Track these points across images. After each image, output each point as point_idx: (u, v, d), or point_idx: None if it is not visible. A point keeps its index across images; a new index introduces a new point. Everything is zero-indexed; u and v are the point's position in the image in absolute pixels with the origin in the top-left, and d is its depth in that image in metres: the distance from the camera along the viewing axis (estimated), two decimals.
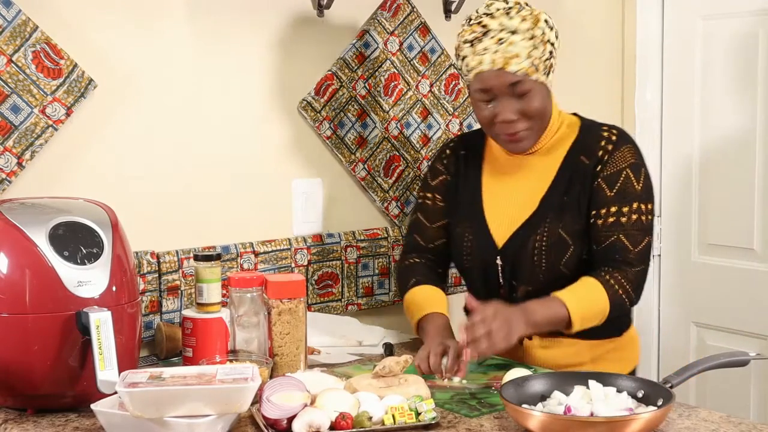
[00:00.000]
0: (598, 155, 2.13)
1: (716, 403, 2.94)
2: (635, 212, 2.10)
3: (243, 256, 2.40)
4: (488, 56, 2.04)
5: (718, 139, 3.01)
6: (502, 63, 2.04)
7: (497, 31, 2.04)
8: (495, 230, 2.18)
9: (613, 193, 2.10)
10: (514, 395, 1.70)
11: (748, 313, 2.97)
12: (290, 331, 1.97)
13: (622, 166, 2.11)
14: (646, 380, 1.75)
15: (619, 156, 2.12)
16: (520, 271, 2.14)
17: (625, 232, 2.09)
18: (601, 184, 2.11)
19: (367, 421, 1.65)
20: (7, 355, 1.76)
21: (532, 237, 2.12)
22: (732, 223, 3.00)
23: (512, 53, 2.03)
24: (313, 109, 2.54)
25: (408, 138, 2.70)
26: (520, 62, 2.04)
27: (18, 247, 1.77)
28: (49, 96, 2.13)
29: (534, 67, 2.05)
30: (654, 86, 3.16)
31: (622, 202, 2.10)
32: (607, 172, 2.11)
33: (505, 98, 2.08)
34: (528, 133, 2.12)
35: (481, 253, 2.18)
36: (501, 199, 2.20)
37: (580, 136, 2.17)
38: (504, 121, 2.09)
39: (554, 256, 2.11)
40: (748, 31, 2.92)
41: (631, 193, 2.10)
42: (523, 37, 2.03)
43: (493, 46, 2.04)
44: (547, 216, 2.13)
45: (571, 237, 2.11)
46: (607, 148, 2.13)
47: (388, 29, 2.64)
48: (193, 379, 1.61)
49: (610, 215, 2.10)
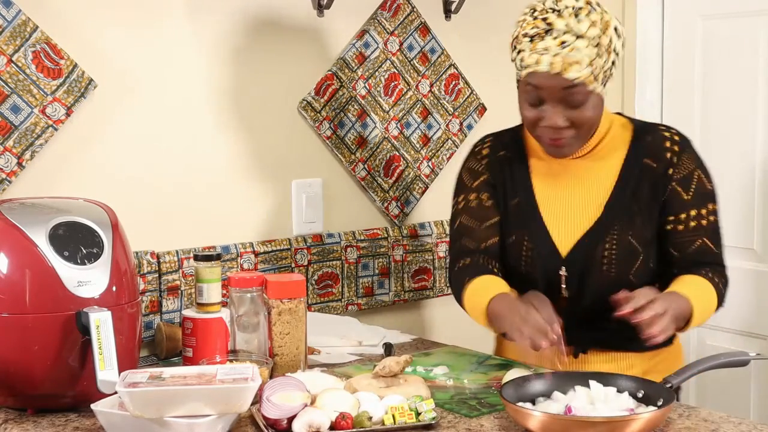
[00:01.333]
0: (666, 157, 2.02)
1: (716, 403, 2.94)
2: (712, 214, 2.04)
3: (243, 256, 2.40)
4: (547, 57, 1.88)
5: (718, 139, 3.01)
6: (561, 68, 1.88)
7: (562, 33, 1.87)
8: (557, 238, 2.04)
9: (689, 196, 2.02)
10: (514, 395, 1.70)
11: (748, 313, 2.97)
12: (290, 331, 1.97)
13: (693, 168, 2.03)
14: (646, 380, 1.75)
15: (688, 157, 2.03)
16: (587, 281, 2.03)
17: (707, 235, 2.02)
18: (676, 188, 2.01)
19: (367, 421, 1.65)
20: (7, 355, 1.76)
21: (600, 246, 2.01)
22: (732, 223, 2.99)
23: (574, 59, 1.87)
24: (313, 109, 2.54)
25: (408, 138, 2.70)
26: (581, 70, 1.88)
27: (18, 247, 1.77)
28: (49, 96, 2.13)
29: (593, 76, 1.90)
30: (654, 86, 3.16)
31: (700, 205, 2.02)
32: (680, 175, 2.02)
33: (556, 104, 1.93)
34: (573, 140, 1.99)
35: (543, 262, 2.05)
36: (558, 205, 2.06)
37: (637, 138, 2.06)
38: (550, 126, 1.96)
39: (625, 264, 2.01)
40: (748, 31, 2.92)
41: (706, 195, 2.03)
42: (589, 44, 1.87)
43: (555, 48, 1.87)
44: (614, 223, 2.01)
45: (641, 244, 2.01)
46: (674, 149, 2.03)
47: (388, 29, 2.64)
48: (193, 379, 1.61)
49: (690, 219, 2.01)
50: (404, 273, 2.69)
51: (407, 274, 2.70)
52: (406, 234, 2.69)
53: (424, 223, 2.75)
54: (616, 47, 1.93)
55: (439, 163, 2.77)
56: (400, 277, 2.68)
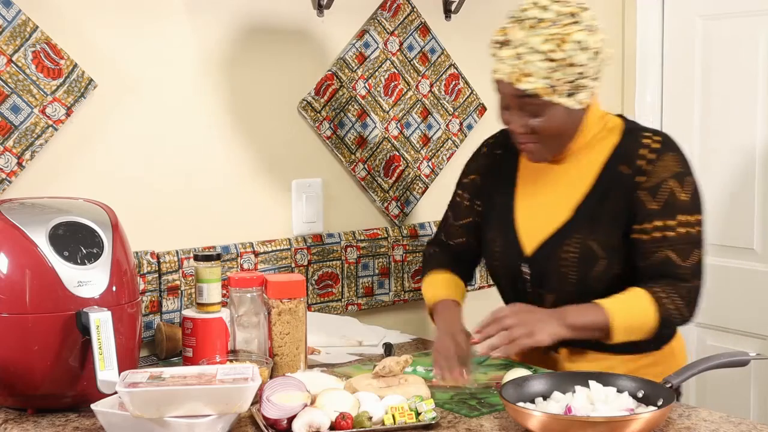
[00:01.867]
0: (637, 165, 1.99)
1: (716, 403, 2.94)
2: (682, 225, 1.97)
3: (243, 256, 2.40)
4: (504, 66, 1.94)
5: (718, 139, 3.02)
6: (515, 78, 1.92)
7: (517, 45, 1.92)
8: (524, 238, 2.08)
9: (656, 206, 1.97)
10: (514, 395, 1.70)
11: (748, 313, 2.97)
12: (290, 331, 1.97)
13: (665, 177, 1.98)
14: (646, 380, 1.75)
15: (662, 166, 1.98)
16: (548, 281, 2.05)
17: (672, 247, 1.97)
18: (642, 197, 1.98)
19: (367, 421, 1.65)
20: (7, 355, 1.76)
21: (560, 247, 2.02)
22: (732, 223, 3.00)
23: (526, 71, 1.91)
24: (313, 109, 2.54)
25: (408, 138, 2.70)
26: (534, 82, 1.91)
27: (18, 247, 1.77)
28: (49, 96, 2.13)
29: (551, 88, 1.92)
30: (654, 86, 3.16)
31: (666, 215, 1.97)
32: (649, 184, 1.98)
33: (516, 110, 1.98)
34: (537, 147, 2.02)
35: (508, 260, 2.10)
36: (533, 206, 2.10)
37: (621, 143, 2.04)
38: (512, 131, 2.02)
39: (584, 268, 2.00)
40: (748, 31, 2.92)
41: (677, 206, 1.97)
42: (543, 59, 1.90)
43: (510, 60, 1.92)
44: (580, 226, 2.02)
45: (603, 250, 2.00)
46: (649, 156, 1.99)
47: (388, 29, 2.64)
48: (193, 379, 1.61)
49: (655, 230, 1.97)
50: (404, 273, 2.69)
51: (407, 274, 2.70)
52: (406, 234, 2.69)
53: (424, 223, 2.75)
54: (579, 61, 1.92)
55: (439, 163, 2.77)
56: (400, 277, 2.68)
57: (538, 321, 1.89)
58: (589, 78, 1.96)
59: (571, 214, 2.04)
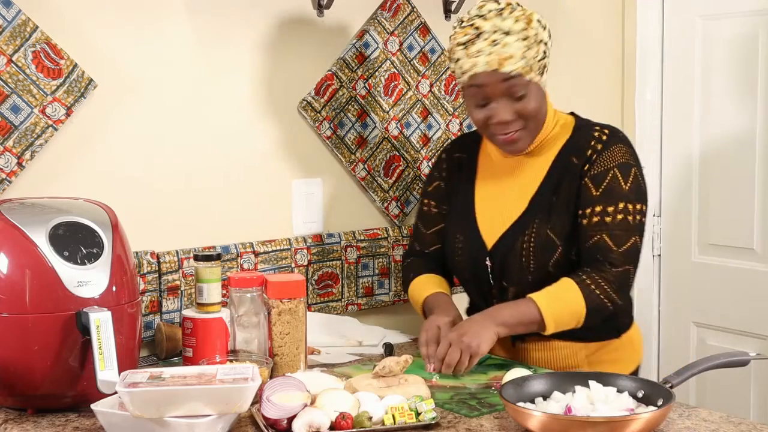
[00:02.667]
0: (587, 155, 2.10)
1: (716, 403, 2.94)
2: (621, 212, 2.06)
3: (243, 256, 2.40)
4: (482, 58, 2.02)
5: (718, 139, 3.01)
6: (497, 64, 2.02)
7: (490, 33, 2.02)
8: (485, 231, 2.18)
9: (598, 192, 2.08)
10: (514, 395, 1.70)
11: (748, 313, 2.97)
12: (290, 331, 1.97)
13: (610, 166, 2.08)
14: (646, 380, 1.75)
15: (608, 155, 2.09)
16: (509, 272, 2.13)
17: (609, 231, 2.06)
18: (587, 184, 2.09)
19: (367, 421, 1.65)
20: (7, 355, 1.76)
21: (520, 238, 2.11)
22: (732, 223, 3.00)
23: (506, 54, 2.01)
24: (313, 109, 2.54)
25: (408, 138, 2.70)
26: (515, 63, 2.02)
27: (18, 247, 1.77)
28: (49, 96, 2.13)
29: (529, 67, 2.04)
30: (654, 86, 3.16)
31: (607, 201, 2.07)
32: (594, 172, 2.09)
33: (501, 99, 2.06)
34: (523, 133, 2.10)
35: (470, 253, 2.19)
36: (493, 200, 2.20)
37: (572, 136, 2.16)
38: (500, 122, 2.08)
39: (542, 256, 2.09)
40: (748, 31, 2.92)
41: (618, 193, 2.07)
42: (517, 38, 2.02)
43: (487, 48, 2.02)
44: (535, 217, 2.12)
45: (559, 238, 2.09)
46: (597, 147, 2.11)
47: (388, 29, 2.64)
48: (193, 379, 1.61)
49: (594, 215, 2.07)
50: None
51: None
52: (406, 234, 2.69)
53: None
54: (543, 38, 2.07)
55: None
56: (400, 277, 2.68)
57: (474, 332, 1.99)
58: (548, 56, 2.10)
59: (526, 205, 2.14)
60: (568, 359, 2.15)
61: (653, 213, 3.17)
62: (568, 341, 2.14)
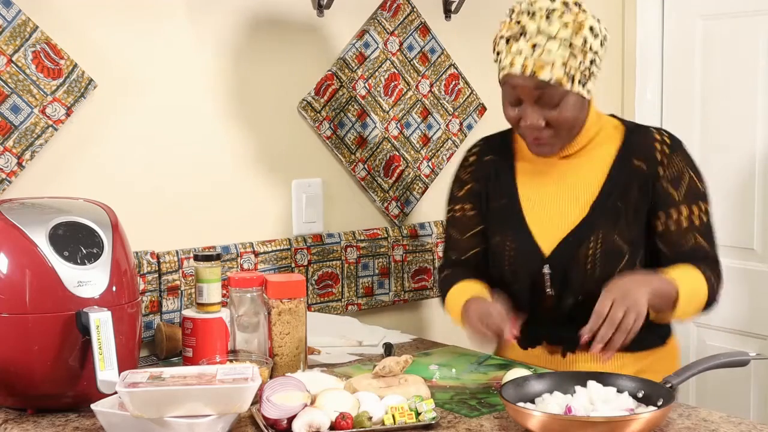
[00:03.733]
0: (656, 158, 2.03)
1: (716, 403, 2.94)
2: (705, 213, 2.04)
3: (243, 256, 2.40)
4: (520, 59, 1.93)
5: (718, 139, 3.01)
6: (533, 69, 1.92)
7: (534, 35, 1.92)
8: (540, 238, 2.06)
9: (681, 195, 2.02)
10: (514, 395, 1.70)
11: (748, 313, 2.97)
12: (290, 331, 1.97)
13: (683, 167, 2.04)
14: (646, 380, 1.75)
15: (678, 158, 2.04)
16: (571, 280, 2.03)
17: (701, 233, 2.02)
18: (667, 188, 2.02)
19: (367, 421, 1.65)
20: (7, 355, 1.76)
21: (584, 244, 2.01)
22: (732, 223, 3.00)
23: (546, 61, 1.91)
24: (313, 109, 2.54)
25: (408, 138, 2.70)
26: (554, 71, 1.91)
27: (18, 247, 1.77)
28: (49, 96, 2.13)
29: (568, 76, 1.92)
30: (654, 86, 3.16)
31: (692, 203, 2.03)
32: (671, 175, 2.02)
33: (532, 103, 1.96)
34: (553, 140, 2.01)
35: (525, 262, 2.06)
36: (542, 205, 2.08)
37: (627, 138, 2.07)
38: (529, 126, 1.98)
39: (609, 264, 2.00)
40: (748, 31, 2.92)
41: (698, 194, 2.04)
42: (561, 45, 1.91)
43: (527, 51, 1.92)
44: (599, 223, 2.02)
45: (627, 244, 2.01)
46: (664, 150, 2.04)
47: (388, 29, 2.64)
48: (193, 379, 1.61)
49: (683, 218, 2.02)
50: (404, 273, 2.69)
51: (407, 274, 2.70)
52: (406, 234, 2.69)
53: (424, 223, 2.75)
54: (593, 46, 1.95)
55: (439, 163, 2.77)
56: (400, 277, 2.68)
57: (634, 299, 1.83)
58: (597, 66, 1.99)
59: (587, 210, 2.04)
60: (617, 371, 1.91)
61: None
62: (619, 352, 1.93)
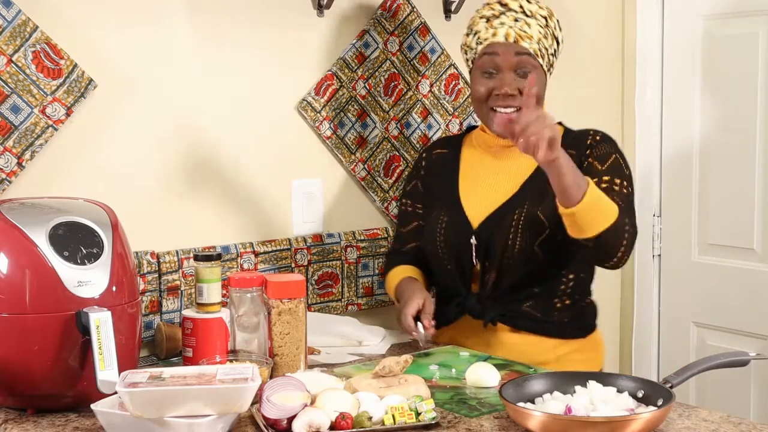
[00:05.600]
0: (586, 144, 2.20)
1: (716, 403, 2.94)
2: (625, 188, 2.13)
3: (243, 256, 2.40)
4: (503, 29, 2.16)
5: (719, 138, 3.01)
6: (516, 37, 2.15)
7: (517, 12, 2.17)
8: (470, 212, 2.23)
9: (604, 167, 2.15)
10: (514, 395, 1.70)
11: (748, 313, 2.97)
12: (290, 331, 1.97)
13: (611, 151, 2.19)
14: (646, 380, 1.75)
15: (607, 145, 2.20)
16: (494, 250, 2.17)
17: (618, 196, 2.09)
18: (593, 162, 2.16)
19: (367, 421, 1.65)
20: (7, 355, 1.76)
21: (508, 216, 2.16)
22: (732, 223, 3.00)
23: (527, 33, 2.15)
24: (313, 109, 2.54)
25: (408, 138, 2.70)
26: (532, 43, 2.16)
27: (18, 247, 1.77)
28: (49, 96, 2.13)
29: (542, 53, 2.17)
30: (654, 86, 3.16)
31: (613, 175, 2.14)
32: (597, 153, 2.18)
33: (509, 72, 2.16)
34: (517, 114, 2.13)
35: (455, 233, 2.22)
36: (478, 184, 2.26)
37: (565, 139, 2.18)
38: (503, 94, 2.16)
39: (529, 236, 2.14)
40: (748, 31, 2.92)
41: (621, 173, 2.16)
42: (539, 23, 2.17)
43: (510, 22, 2.16)
44: (526, 198, 2.17)
45: (548, 220, 2.13)
46: (595, 138, 2.21)
47: (388, 29, 2.64)
48: (193, 379, 1.61)
49: (603, 183, 2.12)
50: None
51: None
52: None
53: None
54: (558, 36, 2.22)
55: None
56: None
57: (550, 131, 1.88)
58: (557, 59, 2.24)
59: (517, 189, 2.21)
60: (537, 355, 2.18)
61: (653, 213, 3.17)
62: (540, 336, 2.20)
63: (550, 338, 2.21)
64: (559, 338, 2.22)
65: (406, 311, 2.14)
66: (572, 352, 2.23)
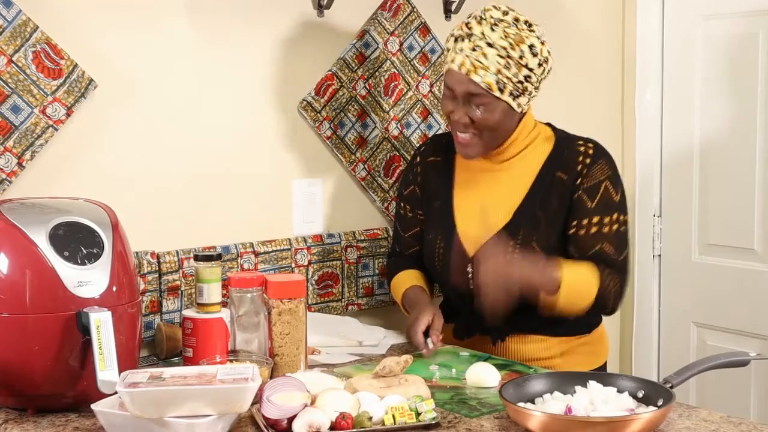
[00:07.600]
0: (576, 170, 2.17)
1: (716, 403, 2.94)
2: (615, 222, 2.16)
3: (243, 256, 2.40)
4: (460, 57, 2.10)
5: (719, 139, 3.01)
6: (468, 69, 2.09)
7: (477, 38, 2.08)
8: (466, 239, 2.22)
9: (594, 204, 2.15)
10: (514, 395, 1.70)
11: (748, 313, 2.97)
12: (290, 331, 1.97)
13: (601, 179, 2.17)
14: (647, 380, 1.75)
15: (598, 169, 2.17)
16: None
17: (609, 240, 2.15)
18: (582, 197, 2.16)
19: (367, 421, 1.65)
20: (7, 355, 1.76)
21: None
22: (732, 223, 3.00)
23: (481, 64, 2.08)
24: (313, 109, 2.54)
25: (408, 138, 2.70)
26: (486, 75, 2.08)
27: (18, 247, 1.77)
28: (49, 96, 2.13)
29: (499, 84, 2.08)
30: (654, 86, 3.16)
31: (603, 212, 2.15)
32: (587, 185, 2.16)
33: (463, 101, 2.13)
34: (476, 140, 2.16)
35: (452, 261, 2.24)
36: (472, 209, 2.25)
37: (555, 150, 2.22)
38: (455, 121, 2.15)
39: None
40: (748, 31, 2.92)
41: (611, 205, 2.16)
42: (497, 54, 2.07)
43: (468, 51, 2.09)
44: (520, 228, 2.17)
45: (543, 249, 2.15)
46: (585, 162, 2.17)
47: (388, 29, 2.64)
48: (194, 379, 1.61)
49: (592, 225, 2.15)
50: None
51: None
52: None
53: None
54: (529, 64, 2.09)
55: None
56: None
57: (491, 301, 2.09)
58: (533, 84, 2.13)
59: (510, 217, 2.20)
60: (542, 352, 2.23)
61: (653, 213, 3.17)
62: (544, 335, 2.23)
63: (553, 337, 2.24)
64: (564, 336, 2.25)
65: (416, 328, 2.15)
66: (577, 346, 2.27)
